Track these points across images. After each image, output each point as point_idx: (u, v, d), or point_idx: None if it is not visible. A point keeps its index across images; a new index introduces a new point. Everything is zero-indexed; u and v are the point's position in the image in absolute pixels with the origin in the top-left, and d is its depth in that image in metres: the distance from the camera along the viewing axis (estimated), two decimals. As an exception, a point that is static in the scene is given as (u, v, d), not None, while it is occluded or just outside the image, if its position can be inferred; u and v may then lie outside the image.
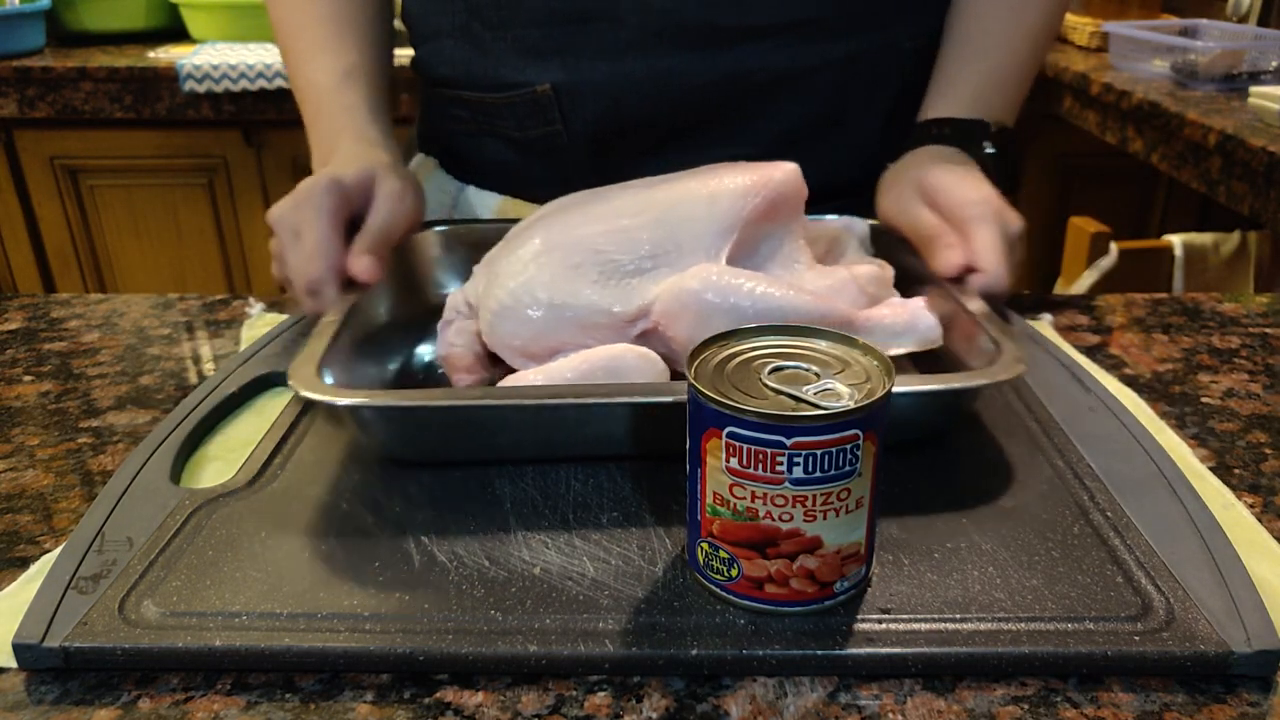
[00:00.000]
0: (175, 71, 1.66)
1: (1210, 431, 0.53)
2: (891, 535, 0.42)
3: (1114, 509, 0.43)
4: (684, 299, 0.49)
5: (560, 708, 0.34)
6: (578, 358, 0.50)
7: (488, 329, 0.53)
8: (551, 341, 0.51)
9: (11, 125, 1.75)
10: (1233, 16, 1.85)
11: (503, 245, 0.56)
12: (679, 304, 0.50)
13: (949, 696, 0.35)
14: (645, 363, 0.49)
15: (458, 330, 0.56)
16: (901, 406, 0.46)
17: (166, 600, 0.38)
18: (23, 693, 0.35)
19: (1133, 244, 1.44)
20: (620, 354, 0.50)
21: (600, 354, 0.50)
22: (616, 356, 0.49)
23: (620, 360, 0.49)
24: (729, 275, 0.50)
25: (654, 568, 0.40)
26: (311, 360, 0.46)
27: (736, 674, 0.36)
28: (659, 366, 0.50)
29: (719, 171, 0.55)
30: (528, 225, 0.56)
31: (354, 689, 0.35)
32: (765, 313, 0.48)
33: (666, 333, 0.51)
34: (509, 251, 0.54)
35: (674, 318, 0.50)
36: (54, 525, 0.45)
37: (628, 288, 0.51)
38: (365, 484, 0.46)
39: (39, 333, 0.66)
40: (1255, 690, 0.35)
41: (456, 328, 0.56)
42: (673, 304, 0.50)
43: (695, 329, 0.49)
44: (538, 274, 0.51)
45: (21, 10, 1.75)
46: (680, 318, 0.50)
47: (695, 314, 0.49)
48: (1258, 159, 1.21)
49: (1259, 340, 0.64)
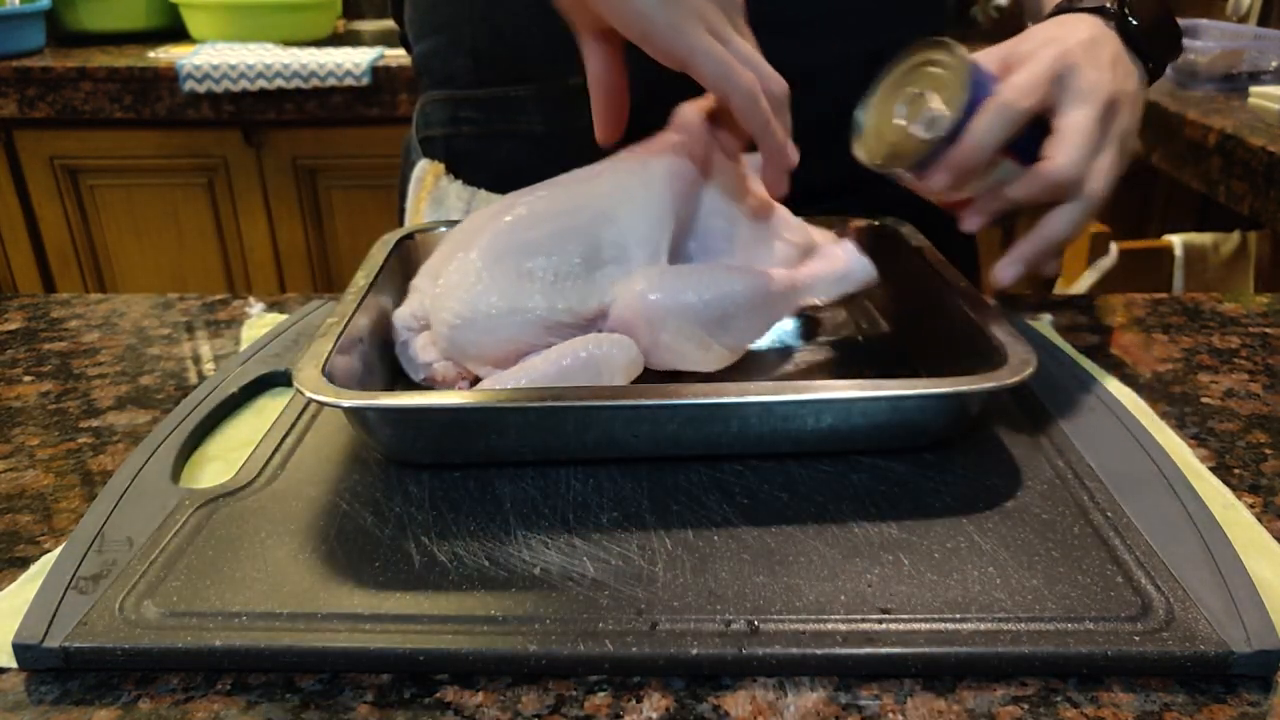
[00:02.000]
0: (175, 71, 1.66)
1: (1210, 431, 0.53)
2: (891, 535, 0.42)
3: (1114, 509, 0.43)
4: (635, 306, 0.50)
5: (560, 708, 0.34)
6: (554, 352, 0.49)
7: (447, 343, 0.52)
8: (519, 346, 0.51)
9: (11, 125, 1.75)
10: (1233, 16, 1.85)
11: (440, 257, 0.55)
12: (632, 311, 0.50)
13: (949, 696, 0.35)
14: (620, 349, 0.49)
15: (423, 347, 0.54)
16: (906, 410, 0.47)
17: (166, 600, 0.38)
18: (23, 693, 0.35)
19: (1133, 244, 1.44)
20: (596, 341, 0.50)
21: (575, 344, 0.50)
22: (591, 343, 0.49)
23: (596, 347, 0.49)
24: (670, 276, 0.51)
25: (654, 568, 0.40)
26: (316, 360, 0.46)
27: (736, 674, 0.36)
28: (634, 352, 0.50)
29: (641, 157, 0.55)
30: (464, 234, 0.54)
31: (354, 689, 0.35)
32: (712, 302, 0.50)
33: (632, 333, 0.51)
34: (452, 263, 0.53)
35: (630, 325, 0.51)
36: (54, 525, 0.45)
37: (580, 288, 0.51)
38: (365, 484, 0.46)
39: (39, 333, 0.66)
40: (1255, 690, 0.35)
41: (420, 344, 0.55)
42: (626, 312, 0.51)
43: (651, 334, 0.50)
44: (492, 283, 0.51)
45: (21, 10, 1.75)
46: (636, 325, 0.50)
47: (648, 320, 0.50)
48: (1258, 159, 1.21)
49: (1259, 340, 0.64)
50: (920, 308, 0.60)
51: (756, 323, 0.53)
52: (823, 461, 0.47)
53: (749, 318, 0.52)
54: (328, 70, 1.66)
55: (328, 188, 1.82)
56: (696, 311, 0.50)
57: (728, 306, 0.51)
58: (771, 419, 0.46)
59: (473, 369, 0.52)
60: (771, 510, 0.43)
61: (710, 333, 0.51)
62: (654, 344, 0.50)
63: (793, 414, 0.46)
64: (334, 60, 1.67)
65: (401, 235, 0.62)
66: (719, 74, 0.49)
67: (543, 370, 0.49)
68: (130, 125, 1.75)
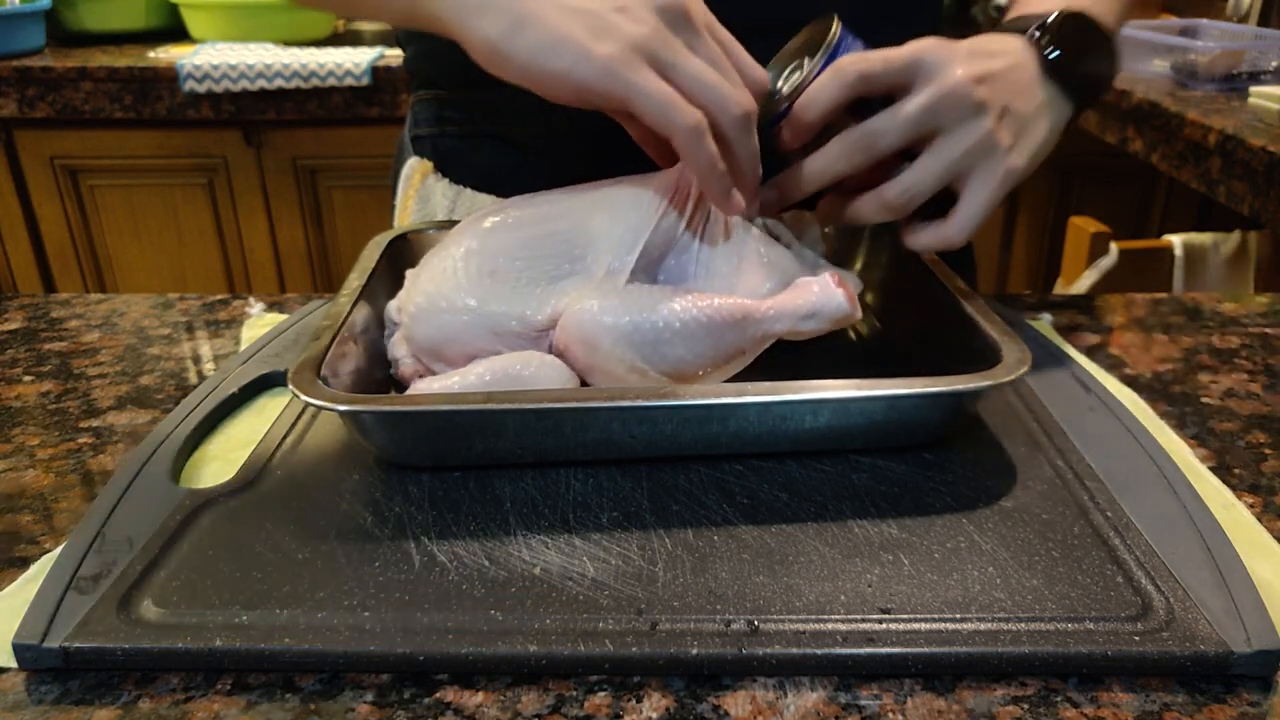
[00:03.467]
0: (175, 71, 1.66)
1: (1210, 431, 0.53)
2: (891, 535, 0.42)
3: (1114, 509, 0.43)
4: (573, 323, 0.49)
5: (560, 708, 0.34)
6: (484, 364, 0.49)
7: (407, 333, 0.52)
8: (466, 348, 0.50)
9: (11, 125, 1.75)
10: (1233, 16, 1.85)
11: (433, 250, 0.55)
12: (570, 327, 0.49)
13: (949, 696, 0.35)
14: (552, 370, 0.49)
15: (397, 341, 0.54)
16: (903, 410, 0.47)
17: (166, 600, 0.38)
18: (23, 693, 0.35)
19: (1133, 244, 1.44)
20: (526, 360, 0.49)
21: (506, 359, 0.49)
22: (522, 361, 0.49)
23: (525, 366, 0.49)
24: (615, 296, 0.49)
25: (654, 568, 0.40)
26: (311, 364, 0.46)
27: (736, 674, 0.36)
28: (567, 373, 0.49)
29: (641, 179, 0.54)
30: (458, 230, 0.55)
31: (354, 689, 0.35)
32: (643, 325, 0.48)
33: (566, 355, 0.50)
34: (434, 256, 0.53)
35: (568, 343, 0.50)
36: (54, 525, 0.45)
37: (540, 295, 0.50)
38: (365, 484, 0.46)
39: (39, 333, 0.66)
40: (1255, 690, 0.35)
41: (395, 339, 0.55)
42: (566, 327, 0.50)
43: (587, 354, 0.49)
44: (453, 278, 0.51)
45: (21, 10, 1.75)
46: (573, 343, 0.49)
47: (583, 339, 0.49)
48: (1258, 159, 1.21)
49: (1259, 340, 0.64)
50: (915, 307, 0.60)
51: (700, 350, 0.49)
52: (823, 461, 0.47)
53: (688, 345, 0.49)
54: (328, 70, 1.66)
55: (328, 187, 1.82)
56: (627, 334, 0.48)
57: (663, 332, 0.48)
58: (769, 419, 0.46)
59: (427, 364, 0.52)
60: (771, 510, 0.43)
61: (644, 357, 0.49)
62: (589, 366, 0.49)
63: (790, 414, 0.46)
64: (334, 60, 1.67)
65: (394, 236, 0.63)
66: (659, 113, 0.46)
67: (468, 382, 0.48)
68: (130, 125, 1.75)
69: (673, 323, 0.48)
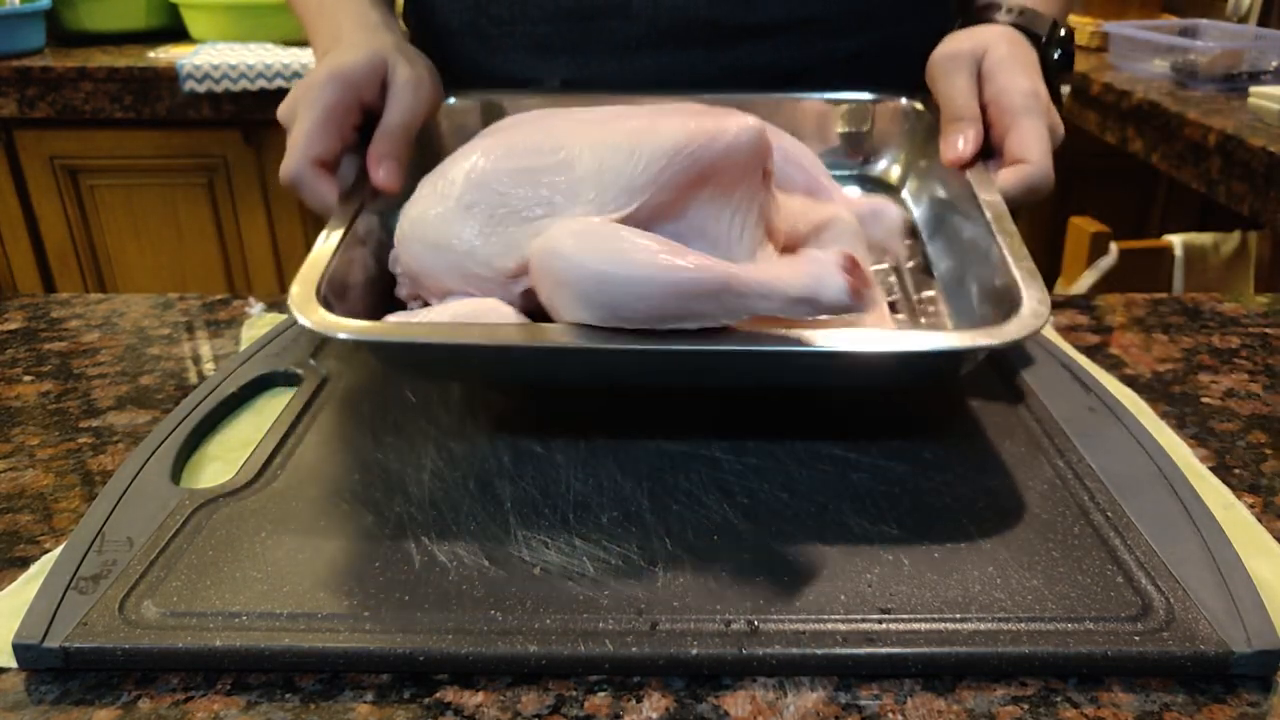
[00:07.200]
0: (175, 71, 1.66)
1: (1210, 431, 0.53)
2: (891, 535, 0.42)
3: (1114, 509, 0.43)
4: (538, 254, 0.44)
5: (560, 708, 0.34)
6: (446, 308, 0.48)
7: (398, 256, 0.50)
8: (440, 283, 0.48)
9: (11, 125, 1.75)
10: (1233, 16, 1.85)
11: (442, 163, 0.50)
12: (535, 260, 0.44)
13: (949, 696, 0.35)
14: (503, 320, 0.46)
15: (392, 261, 0.52)
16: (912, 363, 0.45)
17: (166, 600, 0.38)
18: (23, 693, 0.35)
19: (1133, 244, 1.44)
20: (476, 309, 0.47)
21: (463, 306, 0.47)
22: (476, 313, 0.47)
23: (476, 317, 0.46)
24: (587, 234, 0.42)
25: (654, 568, 0.40)
26: (309, 282, 0.45)
27: (736, 674, 0.36)
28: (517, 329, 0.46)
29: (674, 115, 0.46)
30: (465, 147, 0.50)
31: (354, 689, 0.35)
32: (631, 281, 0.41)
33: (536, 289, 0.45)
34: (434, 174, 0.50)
35: (536, 276, 0.44)
36: (54, 525, 0.45)
37: (511, 238, 0.46)
38: (365, 484, 0.46)
39: (39, 333, 0.66)
40: (1255, 690, 0.35)
41: (392, 258, 0.52)
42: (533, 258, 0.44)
43: (555, 290, 0.43)
44: (432, 206, 0.48)
45: (21, 10, 1.75)
46: (539, 277, 0.44)
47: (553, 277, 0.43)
48: (1258, 159, 1.21)
49: (1259, 340, 0.64)
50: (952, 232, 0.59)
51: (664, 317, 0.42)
52: (823, 461, 0.47)
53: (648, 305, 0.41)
54: (328, 70, 1.66)
55: (328, 188, 1.82)
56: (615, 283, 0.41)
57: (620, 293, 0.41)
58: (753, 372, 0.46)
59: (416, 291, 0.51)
60: (771, 510, 0.43)
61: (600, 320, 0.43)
62: (550, 302, 0.44)
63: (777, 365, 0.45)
64: (334, 60, 1.67)
65: None
66: None
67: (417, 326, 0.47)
68: (130, 125, 1.75)
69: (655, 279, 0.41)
